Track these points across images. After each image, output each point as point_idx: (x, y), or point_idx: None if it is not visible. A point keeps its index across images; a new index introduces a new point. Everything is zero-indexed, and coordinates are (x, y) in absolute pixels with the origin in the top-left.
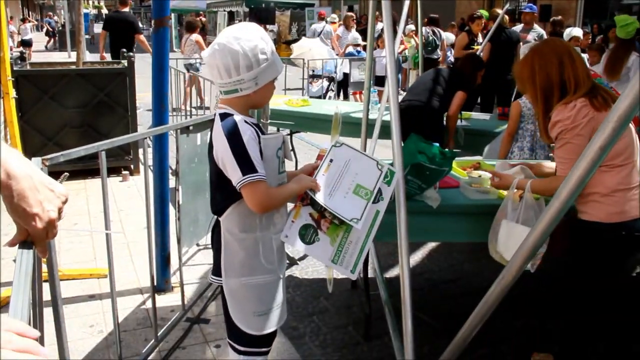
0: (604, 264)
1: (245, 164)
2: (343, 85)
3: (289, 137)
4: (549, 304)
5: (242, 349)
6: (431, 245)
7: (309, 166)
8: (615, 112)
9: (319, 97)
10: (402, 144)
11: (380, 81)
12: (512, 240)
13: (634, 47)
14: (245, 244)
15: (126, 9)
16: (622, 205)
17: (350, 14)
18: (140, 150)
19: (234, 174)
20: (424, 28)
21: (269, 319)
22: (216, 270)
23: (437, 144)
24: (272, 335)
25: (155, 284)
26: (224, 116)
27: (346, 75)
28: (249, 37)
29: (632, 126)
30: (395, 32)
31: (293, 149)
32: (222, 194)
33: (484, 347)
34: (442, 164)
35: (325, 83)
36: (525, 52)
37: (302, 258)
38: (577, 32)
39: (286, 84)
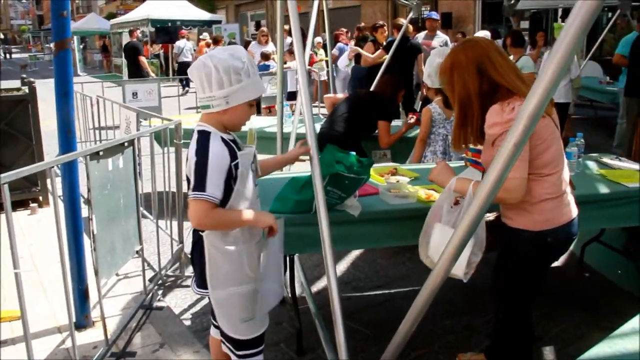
0: (528, 268)
1: (199, 180)
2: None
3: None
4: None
5: (238, 352)
6: (355, 253)
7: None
8: (525, 111)
9: None
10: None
11: (292, 96)
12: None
13: None
14: (229, 256)
15: (134, 39)
16: (549, 213)
17: (263, 29)
18: (48, 181)
19: (191, 186)
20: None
21: (254, 323)
22: (200, 282)
23: (354, 153)
24: (262, 335)
25: (74, 320)
26: (201, 133)
27: None
28: (225, 57)
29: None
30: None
31: None
32: None
33: (418, 349)
34: (360, 172)
35: None
36: (433, 59)
37: None
38: (485, 34)
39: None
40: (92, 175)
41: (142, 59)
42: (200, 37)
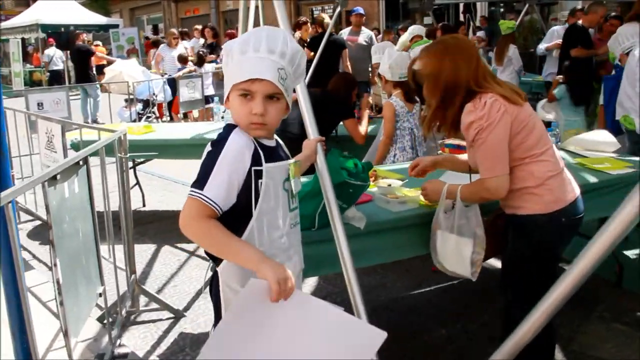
0: (546, 255)
1: (202, 174)
2: (169, 106)
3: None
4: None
5: None
6: None
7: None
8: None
9: (133, 122)
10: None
11: (209, 100)
12: (448, 251)
13: (512, 40)
14: None
15: (80, 42)
16: (557, 191)
17: (172, 30)
18: None
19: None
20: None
21: None
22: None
23: (352, 157)
24: None
25: None
26: (226, 125)
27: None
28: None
29: (535, 113)
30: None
31: (138, 182)
32: None
33: None
34: (364, 179)
35: (139, 106)
36: (392, 51)
37: (187, 308)
38: (419, 30)
39: (111, 110)
40: (51, 207)
41: (94, 59)
42: (95, 43)
